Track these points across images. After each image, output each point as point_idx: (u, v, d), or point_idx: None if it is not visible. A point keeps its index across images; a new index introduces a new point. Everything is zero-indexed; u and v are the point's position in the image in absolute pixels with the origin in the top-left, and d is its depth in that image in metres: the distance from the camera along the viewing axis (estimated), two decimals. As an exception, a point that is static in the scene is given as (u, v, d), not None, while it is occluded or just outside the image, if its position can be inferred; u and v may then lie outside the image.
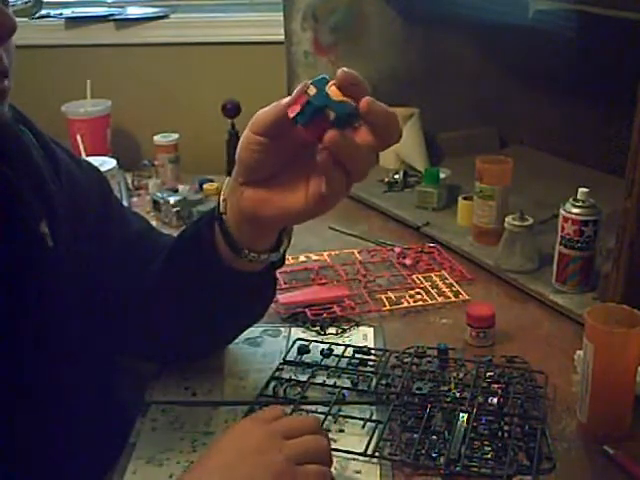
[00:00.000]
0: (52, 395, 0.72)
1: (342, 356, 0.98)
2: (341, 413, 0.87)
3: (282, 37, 1.62)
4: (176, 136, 1.69)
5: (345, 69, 0.63)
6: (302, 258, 1.27)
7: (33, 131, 0.76)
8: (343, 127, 0.62)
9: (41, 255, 0.70)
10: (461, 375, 0.94)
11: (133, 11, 1.95)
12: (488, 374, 0.93)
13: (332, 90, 0.62)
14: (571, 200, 1.08)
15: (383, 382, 0.92)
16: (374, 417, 0.86)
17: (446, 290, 1.16)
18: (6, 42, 0.63)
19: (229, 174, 0.74)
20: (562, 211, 1.08)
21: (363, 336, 1.04)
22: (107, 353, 0.85)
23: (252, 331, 1.01)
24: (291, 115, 0.61)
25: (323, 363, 0.97)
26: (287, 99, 0.63)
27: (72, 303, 0.75)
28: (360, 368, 0.95)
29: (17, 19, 0.61)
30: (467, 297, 1.14)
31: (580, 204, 1.07)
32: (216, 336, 0.93)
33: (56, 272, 0.72)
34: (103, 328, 0.81)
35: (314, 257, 1.28)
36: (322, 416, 0.85)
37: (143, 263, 0.85)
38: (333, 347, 0.99)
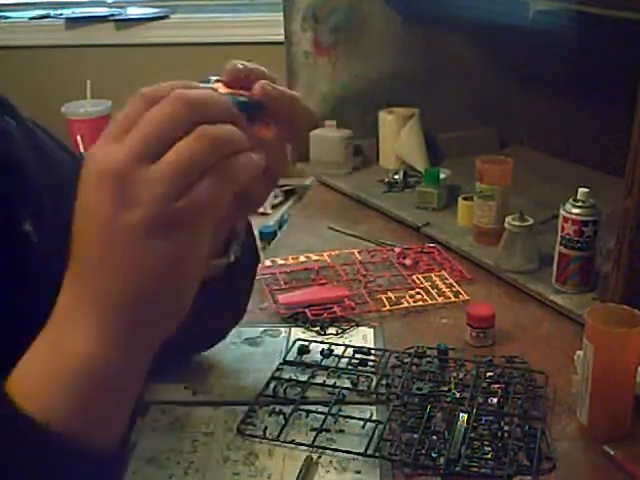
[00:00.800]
0: None
1: (342, 356, 0.98)
2: (341, 413, 0.87)
3: (282, 37, 1.62)
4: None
5: (233, 62, 0.54)
6: (302, 258, 1.27)
7: (18, 120, 0.74)
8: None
9: (26, 252, 0.69)
10: (461, 375, 0.94)
11: (133, 11, 1.95)
12: (488, 374, 0.93)
13: (216, 87, 0.53)
14: (571, 200, 1.08)
15: (383, 382, 0.92)
16: (374, 417, 0.86)
17: (446, 290, 1.16)
18: None
19: None
20: (562, 211, 1.08)
21: (363, 336, 1.04)
22: None
23: (252, 331, 1.01)
24: None
25: (323, 363, 0.96)
26: None
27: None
28: (360, 368, 0.95)
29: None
30: (467, 297, 1.14)
31: (580, 204, 1.07)
32: (202, 337, 0.92)
33: (44, 269, 0.71)
34: None
35: (314, 257, 1.28)
36: (322, 416, 0.85)
37: None
38: (333, 347, 0.99)
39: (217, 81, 0.54)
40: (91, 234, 0.44)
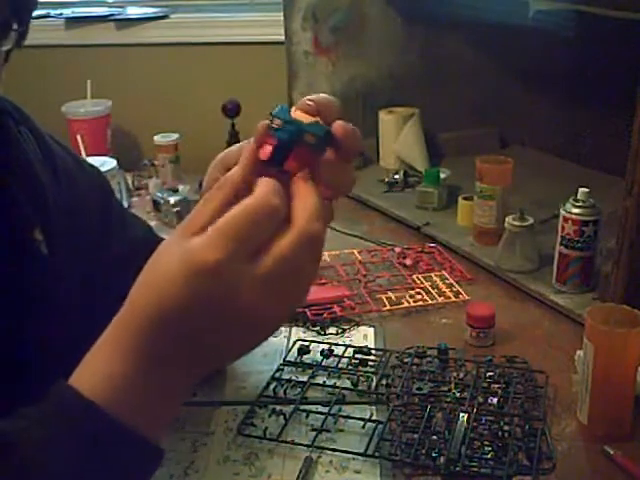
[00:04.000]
0: None
1: (342, 356, 0.98)
2: (341, 413, 0.87)
3: (282, 37, 1.62)
4: (176, 136, 1.69)
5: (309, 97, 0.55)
6: (302, 258, 1.27)
7: (34, 133, 0.75)
8: (323, 149, 0.54)
9: (34, 262, 0.69)
10: (461, 375, 0.94)
11: (133, 11, 1.95)
12: (488, 374, 0.93)
13: (298, 115, 0.54)
14: (571, 200, 1.08)
15: (383, 382, 0.92)
16: (374, 417, 0.86)
17: (446, 290, 1.16)
18: None
19: None
20: (562, 211, 1.08)
21: (363, 336, 1.04)
22: None
23: (252, 331, 1.01)
24: (264, 158, 0.53)
25: (323, 363, 0.97)
26: (252, 143, 0.54)
27: (71, 308, 0.75)
28: (360, 368, 0.95)
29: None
30: (467, 297, 1.14)
31: (580, 204, 1.07)
32: None
33: (52, 279, 0.72)
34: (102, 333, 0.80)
35: (314, 257, 1.28)
36: (322, 416, 0.85)
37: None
38: (333, 347, 0.99)
39: (295, 109, 0.55)
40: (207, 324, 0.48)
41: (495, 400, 0.88)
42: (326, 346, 1.00)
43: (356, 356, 0.98)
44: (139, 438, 0.49)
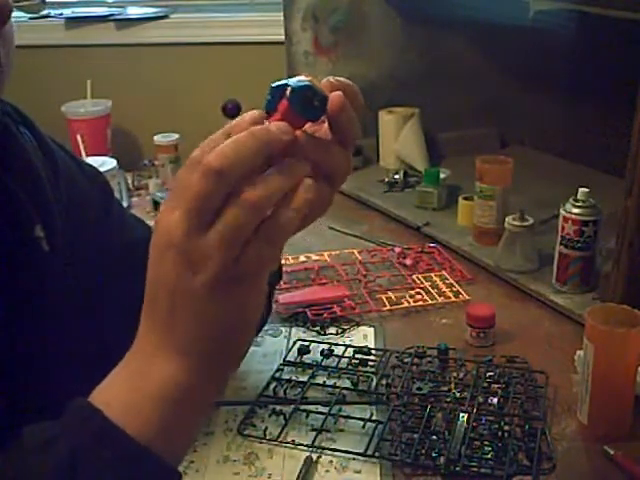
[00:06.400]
0: (51, 399, 0.72)
1: (342, 356, 0.98)
2: (341, 413, 0.87)
3: (282, 37, 1.62)
4: (176, 136, 1.69)
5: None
6: (302, 258, 1.27)
7: (33, 132, 0.75)
8: (300, 105, 0.51)
9: (36, 259, 0.69)
10: (461, 375, 0.94)
11: (133, 11, 1.95)
12: (488, 374, 0.93)
13: (299, 77, 0.52)
14: (571, 200, 1.08)
15: (383, 382, 0.92)
16: (374, 417, 0.86)
17: (446, 290, 1.16)
18: (2, 26, 0.62)
19: None
20: (562, 211, 1.08)
21: (363, 336, 1.04)
22: (107, 358, 0.85)
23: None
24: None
25: (323, 363, 0.97)
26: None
27: (70, 308, 0.75)
28: (360, 368, 0.95)
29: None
30: (467, 297, 1.14)
31: (580, 204, 1.07)
32: None
33: (53, 276, 0.72)
34: (102, 333, 0.80)
35: (314, 257, 1.28)
36: (322, 416, 0.85)
37: (144, 270, 0.84)
38: (333, 347, 0.99)
39: (306, 75, 0.53)
40: (163, 296, 0.50)
41: (495, 400, 0.88)
42: (326, 346, 1.00)
43: (356, 356, 0.98)
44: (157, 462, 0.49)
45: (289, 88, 0.52)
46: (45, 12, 1.91)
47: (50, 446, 0.49)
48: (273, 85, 0.53)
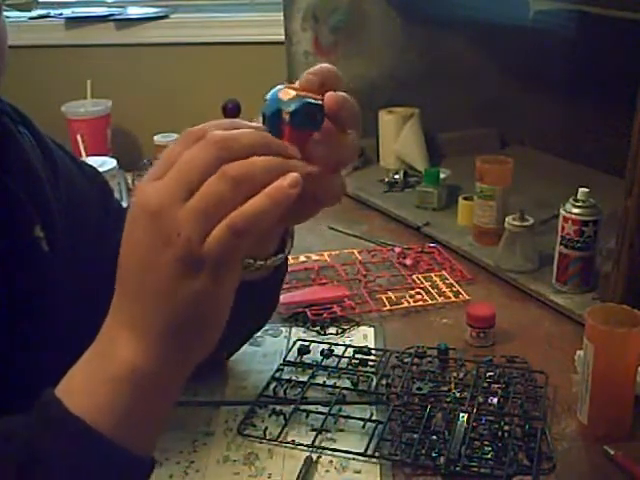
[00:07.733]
0: None
1: (342, 356, 0.98)
2: (341, 413, 0.87)
3: (282, 37, 1.62)
4: (176, 136, 1.69)
5: (307, 71, 0.54)
6: (302, 258, 1.27)
7: (32, 132, 0.75)
8: (308, 124, 0.53)
9: (36, 259, 0.70)
10: (461, 375, 0.94)
11: (133, 11, 1.95)
12: (488, 374, 0.93)
13: (283, 92, 0.53)
14: (571, 200, 1.08)
15: (383, 382, 0.92)
16: (374, 417, 0.86)
17: (446, 290, 1.16)
18: None
19: None
20: (562, 211, 1.08)
21: (363, 336, 1.04)
22: None
23: (252, 331, 1.01)
24: None
25: (323, 363, 0.97)
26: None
27: (70, 308, 0.75)
28: (360, 368, 0.95)
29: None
30: (467, 297, 1.14)
31: (580, 204, 1.07)
32: (221, 348, 0.92)
33: (53, 276, 0.72)
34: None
35: (314, 257, 1.28)
36: (322, 416, 0.85)
37: None
38: (333, 347, 0.99)
39: (288, 87, 0.54)
40: (133, 266, 0.48)
41: (495, 400, 0.88)
42: (326, 346, 1.00)
43: (356, 356, 0.98)
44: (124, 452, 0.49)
45: (286, 113, 0.52)
46: (45, 12, 1.91)
47: (12, 436, 0.49)
48: (267, 114, 0.53)
